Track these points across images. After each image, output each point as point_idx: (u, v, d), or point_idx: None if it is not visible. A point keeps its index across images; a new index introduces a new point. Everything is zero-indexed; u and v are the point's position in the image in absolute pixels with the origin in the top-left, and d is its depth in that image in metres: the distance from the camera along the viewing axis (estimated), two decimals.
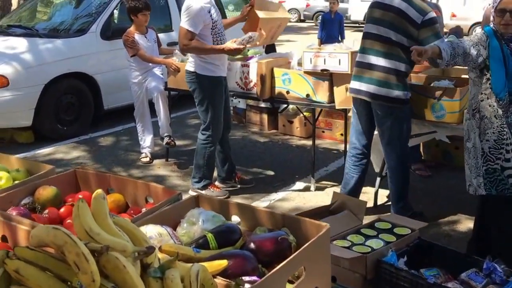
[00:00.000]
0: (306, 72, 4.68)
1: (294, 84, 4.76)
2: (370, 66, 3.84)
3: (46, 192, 2.36)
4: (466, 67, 3.33)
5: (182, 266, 1.50)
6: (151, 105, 5.72)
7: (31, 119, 6.14)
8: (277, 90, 4.86)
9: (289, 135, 6.60)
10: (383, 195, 4.60)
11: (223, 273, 1.65)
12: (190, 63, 4.48)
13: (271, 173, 5.37)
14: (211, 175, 4.71)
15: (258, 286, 1.55)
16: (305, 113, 6.32)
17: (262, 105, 6.44)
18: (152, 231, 1.87)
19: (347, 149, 4.32)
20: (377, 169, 4.58)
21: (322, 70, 4.58)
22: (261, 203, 4.61)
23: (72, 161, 5.75)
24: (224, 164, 4.84)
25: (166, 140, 5.58)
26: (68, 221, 2.30)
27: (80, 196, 2.25)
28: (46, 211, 2.30)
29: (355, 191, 4.17)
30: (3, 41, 6.67)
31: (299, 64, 4.92)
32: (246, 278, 1.69)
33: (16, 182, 2.56)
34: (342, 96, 4.54)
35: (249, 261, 1.76)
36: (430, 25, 3.63)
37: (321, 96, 4.66)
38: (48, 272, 1.34)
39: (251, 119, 6.96)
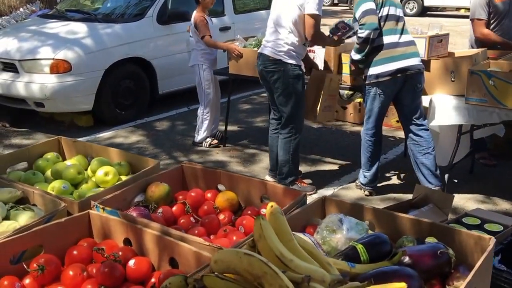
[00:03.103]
0: None
1: None
2: (408, 43, 3.92)
3: (159, 189, 2.13)
4: None
5: None
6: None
7: (92, 104, 5.92)
8: (343, 76, 4.52)
9: (342, 121, 6.29)
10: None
11: None
12: (271, 49, 4.07)
13: (329, 160, 5.09)
14: (298, 170, 4.41)
15: None
16: (359, 99, 6.01)
17: None
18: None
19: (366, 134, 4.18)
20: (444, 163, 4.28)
21: None
22: (325, 191, 4.34)
23: (133, 145, 5.54)
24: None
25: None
26: (182, 220, 2.07)
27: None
28: (160, 210, 2.07)
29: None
30: (63, 26, 6.42)
31: None
32: None
33: (122, 177, 2.33)
34: None
35: (415, 280, 1.49)
36: None
37: None
38: None
39: None
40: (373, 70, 3.91)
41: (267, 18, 4.28)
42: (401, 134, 5.50)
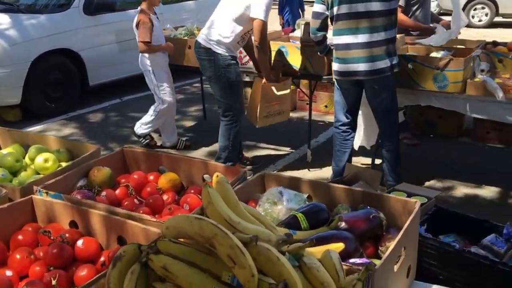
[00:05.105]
0: (304, 45, 4.48)
1: (290, 57, 4.56)
2: (364, 45, 3.61)
3: (101, 173, 2.14)
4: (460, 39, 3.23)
5: (310, 252, 1.34)
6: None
7: (20, 97, 5.73)
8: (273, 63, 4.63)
9: None
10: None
11: None
12: (204, 37, 4.11)
13: (264, 145, 5.21)
14: (237, 157, 4.48)
15: (382, 267, 1.41)
16: (293, 86, 6.15)
17: (247, 79, 6.21)
18: None
19: (334, 126, 4.10)
20: (368, 144, 4.52)
21: None
22: None
23: (66, 138, 5.35)
24: None
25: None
26: (126, 202, 2.09)
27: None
28: (104, 193, 2.08)
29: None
30: None
31: None
32: (357, 261, 1.54)
33: (62, 163, 2.31)
34: None
35: (351, 242, 1.61)
36: None
37: (318, 68, 4.48)
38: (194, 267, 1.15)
39: None
40: (332, 66, 3.89)
41: (195, 9, 4.33)
42: (330, 118, 5.71)
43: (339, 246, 1.47)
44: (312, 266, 1.23)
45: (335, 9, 3.66)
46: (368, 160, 4.58)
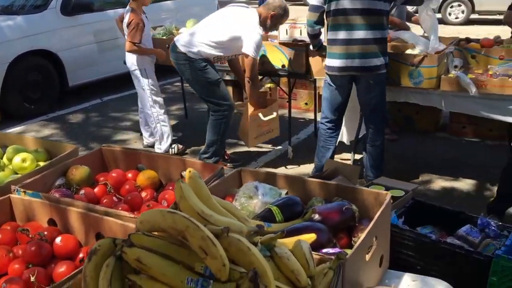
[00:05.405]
0: (282, 43, 4.54)
1: (269, 56, 4.62)
2: (361, 41, 3.66)
3: (79, 172, 2.16)
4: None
5: (282, 242, 1.38)
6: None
7: None
8: None
9: None
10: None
11: None
12: (185, 43, 4.18)
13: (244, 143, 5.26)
14: (222, 153, 4.53)
15: (352, 257, 1.46)
16: (269, 85, 6.21)
17: (227, 77, 6.25)
18: None
19: (321, 122, 4.11)
20: (348, 139, 4.59)
21: (298, 41, 4.48)
22: None
23: (46, 138, 5.36)
24: None
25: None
26: (105, 200, 2.12)
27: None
28: (82, 191, 2.11)
29: None
30: None
31: None
32: (330, 250, 1.60)
33: (40, 163, 2.33)
34: (318, 66, 4.46)
35: (324, 233, 1.67)
36: None
37: (297, 66, 4.54)
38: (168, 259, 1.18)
39: None
40: (326, 62, 3.91)
41: (173, 9, 4.37)
42: (310, 115, 5.80)
43: (311, 236, 1.51)
44: (283, 255, 1.27)
45: (332, 4, 3.71)
46: (346, 156, 4.66)
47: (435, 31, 3.93)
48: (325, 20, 3.88)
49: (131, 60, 4.77)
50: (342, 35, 3.71)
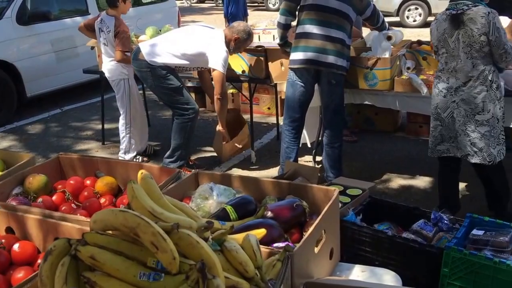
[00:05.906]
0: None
1: (229, 61, 4.69)
2: (328, 38, 3.81)
3: (36, 180, 2.20)
4: None
5: (232, 237, 1.47)
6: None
7: None
8: None
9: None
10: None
11: None
12: (148, 53, 4.25)
13: (209, 149, 5.32)
14: (187, 157, 4.60)
15: (300, 249, 1.56)
16: (231, 90, 6.30)
17: (189, 84, 6.32)
18: None
19: (284, 123, 4.21)
20: (309, 141, 4.72)
21: (256, 47, 4.59)
22: None
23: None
24: None
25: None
26: (64, 207, 2.16)
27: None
28: (40, 199, 2.15)
29: (296, 162, 4.23)
30: None
31: None
32: (280, 244, 1.69)
33: None
34: (277, 71, 4.58)
35: (275, 228, 1.76)
36: None
37: (257, 71, 4.65)
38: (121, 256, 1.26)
39: None
40: (291, 56, 3.98)
41: (134, 16, 4.41)
42: (272, 120, 5.91)
43: (261, 231, 1.61)
44: (232, 248, 1.36)
45: None
46: (308, 158, 4.78)
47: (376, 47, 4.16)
48: (297, 15, 4.01)
49: (120, 69, 4.74)
50: (313, 29, 3.85)
